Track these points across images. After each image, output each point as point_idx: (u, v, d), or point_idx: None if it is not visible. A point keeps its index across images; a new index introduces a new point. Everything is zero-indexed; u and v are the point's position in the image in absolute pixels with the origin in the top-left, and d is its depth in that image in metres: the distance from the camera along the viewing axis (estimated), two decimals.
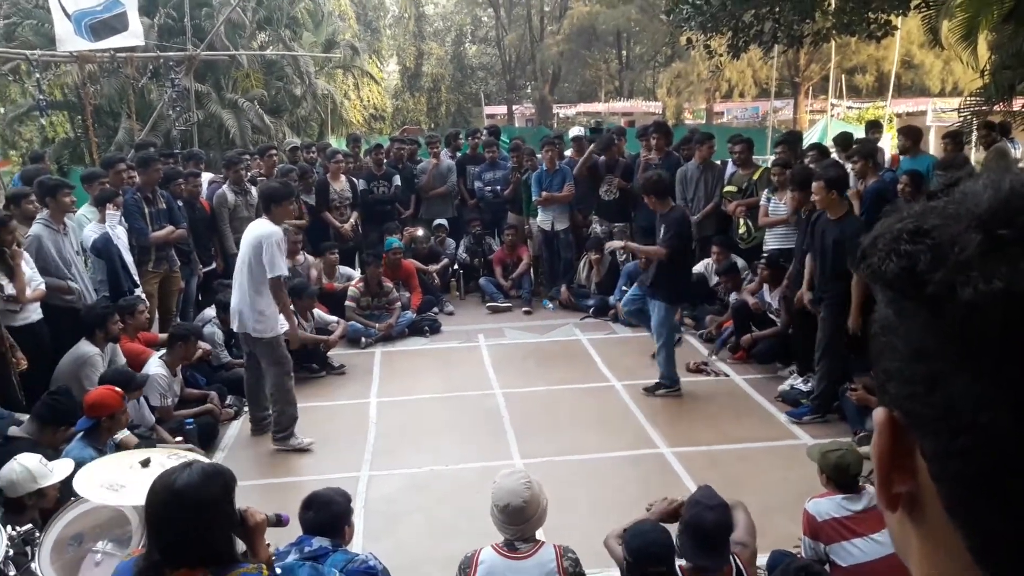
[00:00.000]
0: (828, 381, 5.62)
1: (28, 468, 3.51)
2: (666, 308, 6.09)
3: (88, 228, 6.25)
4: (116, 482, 2.69)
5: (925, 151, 8.68)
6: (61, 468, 3.65)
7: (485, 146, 9.83)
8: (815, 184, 5.44)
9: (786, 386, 6.25)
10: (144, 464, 2.81)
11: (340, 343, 7.38)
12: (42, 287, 5.47)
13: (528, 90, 36.33)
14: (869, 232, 0.55)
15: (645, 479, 5.04)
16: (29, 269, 5.39)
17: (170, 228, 6.94)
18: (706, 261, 7.92)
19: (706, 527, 2.88)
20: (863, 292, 5.17)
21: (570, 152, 9.38)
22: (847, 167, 6.94)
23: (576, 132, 9.76)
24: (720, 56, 10.09)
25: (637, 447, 5.47)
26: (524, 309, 8.85)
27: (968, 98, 8.60)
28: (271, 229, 5.24)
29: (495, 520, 3.00)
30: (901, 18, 9.65)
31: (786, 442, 5.47)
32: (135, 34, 11.21)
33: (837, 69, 22.63)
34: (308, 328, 7.11)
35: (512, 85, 34.76)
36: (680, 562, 2.95)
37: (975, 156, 10.29)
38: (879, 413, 0.53)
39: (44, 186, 5.92)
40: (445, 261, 9.36)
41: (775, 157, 7.98)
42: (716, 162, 8.25)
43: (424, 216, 9.66)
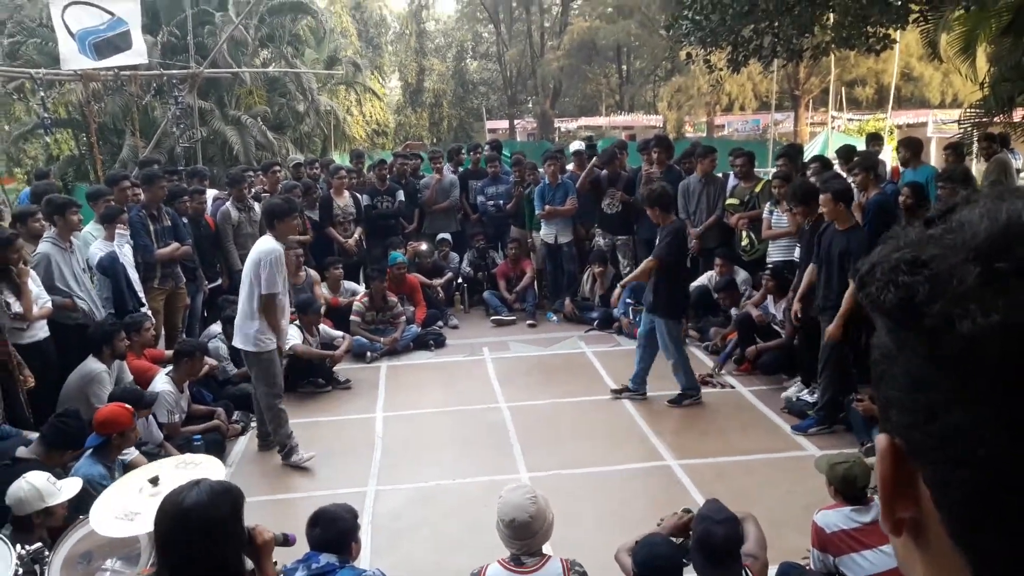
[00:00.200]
0: (832, 392, 5.62)
1: (36, 486, 3.51)
2: (668, 324, 6.12)
3: (94, 245, 6.27)
4: (130, 510, 2.69)
5: (926, 162, 8.70)
6: (69, 487, 3.64)
7: (487, 161, 9.88)
8: (823, 197, 5.47)
9: (790, 395, 6.25)
10: (153, 482, 2.81)
11: (345, 358, 7.40)
12: (48, 305, 5.49)
13: (529, 105, 36.54)
14: (871, 244, 0.55)
15: (652, 492, 5.03)
16: (36, 287, 5.41)
17: (175, 245, 6.96)
18: (709, 273, 7.94)
19: (715, 542, 2.88)
20: (853, 305, 5.22)
21: (571, 166, 9.42)
22: (848, 180, 6.96)
23: (577, 146, 9.79)
24: (720, 70, 10.14)
25: (643, 460, 5.46)
26: (528, 322, 8.87)
27: (968, 110, 8.63)
28: (270, 247, 5.28)
29: (501, 535, 2.99)
30: (900, 31, 9.67)
31: (793, 453, 5.46)
32: (139, 52, 11.30)
33: (837, 82, 22.73)
34: (314, 343, 7.12)
35: (513, 100, 34.95)
36: None
37: (976, 167, 10.32)
38: (881, 440, 0.53)
39: (52, 204, 5.95)
40: (449, 275, 9.38)
41: (776, 170, 8.01)
42: (718, 175, 8.27)
43: (428, 231, 9.70)
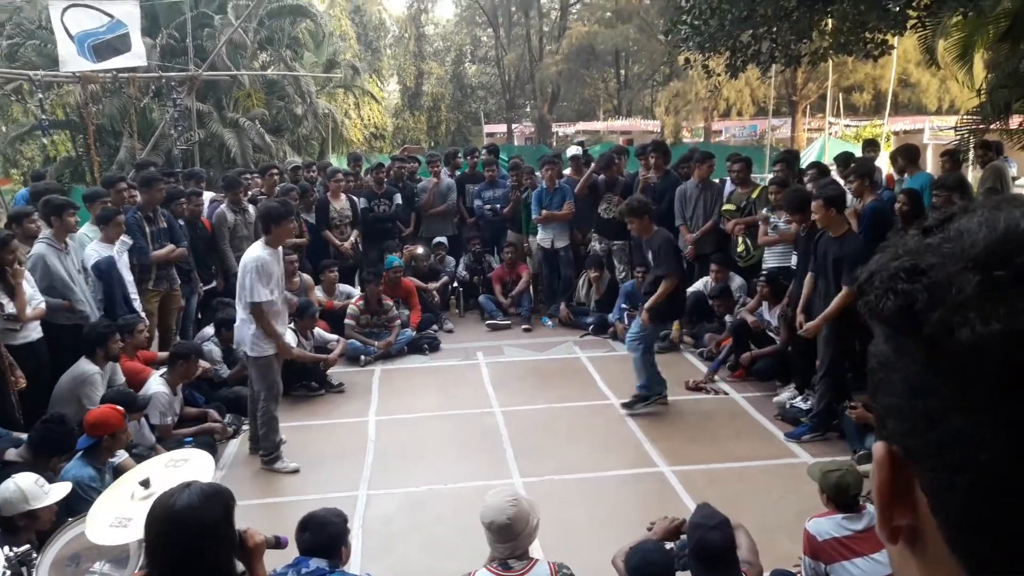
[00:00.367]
0: (828, 399, 5.62)
1: (22, 488, 3.49)
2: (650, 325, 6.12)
3: (90, 247, 6.25)
4: (123, 517, 2.68)
5: (923, 169, 8.71)
6: (57, 491, 3.63)
7: (484, 165, 9.88)
8: (814, 203, 5.48)
9: (783, 400, 6.25)
10: (144, 485, 2.80)
11: (339, 361, 7.38)
12: (42, 306, 5.48)
13: (527, 109, 36.58)
14: (867, 250, 0.55)
15: (644, 498, 5.03)
16: (29, 288, 5.40)
17: (171, 247, 6.95)
18: (705, 279, 7.94)
19: (712, 548, 2.89)
20: (840, 308, 5.24)
21: (568, 171, 9.43)
22: (844, 186, 6.97)
23: (574, 151, 9.79)
24: (718, 76, 10.15)
25: (636, 466, 5.45)
26: (523, 327, 8.86)
27: (965, 117, 8.64)
28: (255, 254, 5.24)
29: (487, 539, 3.00)
30: (898, 37, 9.70)
31: (785, 460, 5.45)
32: (137, 55, 11.32)
33: (834, 88, 22.80)
34: (308, 346, 7.11)
35: (511, 104, 35.01)
36: None
37: (972, 174, 10.35)
38: (878, 447, 0.53)
39: (50, 205, 5.94)
40: (445, 279, 9.38)
41: (773, 176, 8.01)
42: (715, 180, 8.27)
43: (424, 234, 9.70)
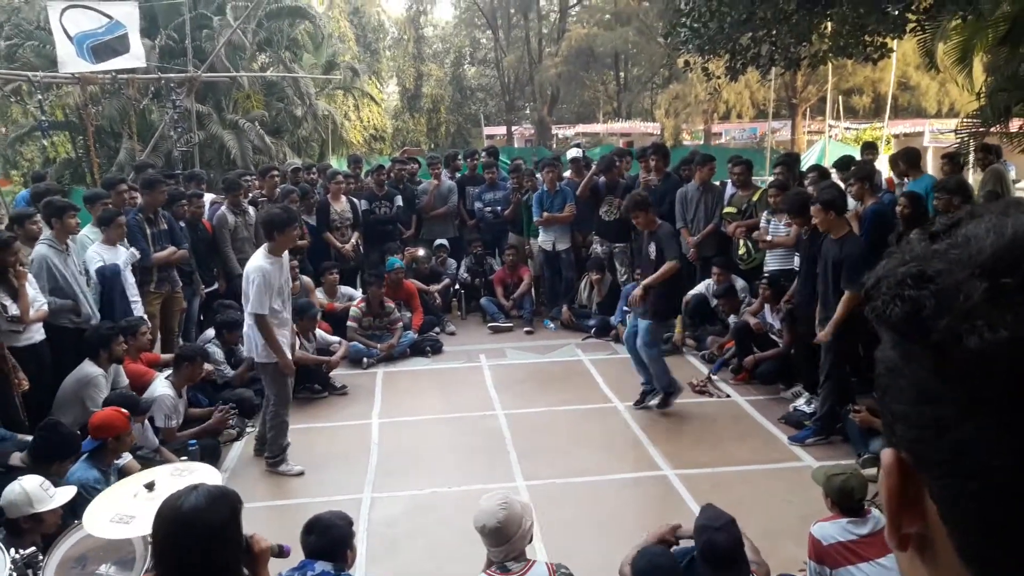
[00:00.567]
0: (831, 403, 5.62)
1: (26, 491, 3.49)
2: (651, 324, 6.14)
3: (92, 249, 6.24)
4: (125, 514, 2.68)
5: (925, 172, 8.72)
6: (62, 495, 3.62)
7: (484, 167, 9.89)
8: (813, 207, 5.49)
9: (797, 401, 6.26)
10: (149, 488, 2.80)
11: (342, 363, 7.38)
12: (45, 307, 5.47)
13: (527, 111, 36.59)
14: (868, 253, 0.55)
15: (647, 501, 5.03)
16: (32, 290, 5.40)
17: (171, 249, 6.94)
18: (707, 282, 7.94)
19: (720, 549, 2.89)
20: (847, 311, 5.24)
21: (568, 173, 9.43)
22: (844, 189, 6.97)
23: (574, 154, 9.78)
24: (718, 78, 10.16)
25: (640, 469, 5.45)
26: (525, 329, 8.86)
27: (965, 120, 8.65)
28: (257, 264, 5.21)
29: (484, 543, 3.01)
30: (897, 41, 9.72)
31: (789, 464, 5.45)
32: (136, 56, 11.30)
33: (834, 90, 22.81)
34: (310, 348, 7.10)
35: (511, 106, 35.02)
36: None
37: (972, 178, 10.35)
38: (887, 454, 0.53)
39: (51, 207, 5.93)
40: (446, 281, 9.38)
41: (773, 179, 8.02)
42: (716, 183, 8.28)
43: (425, 236, 9.70)
